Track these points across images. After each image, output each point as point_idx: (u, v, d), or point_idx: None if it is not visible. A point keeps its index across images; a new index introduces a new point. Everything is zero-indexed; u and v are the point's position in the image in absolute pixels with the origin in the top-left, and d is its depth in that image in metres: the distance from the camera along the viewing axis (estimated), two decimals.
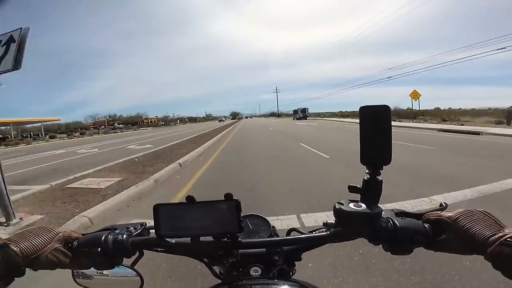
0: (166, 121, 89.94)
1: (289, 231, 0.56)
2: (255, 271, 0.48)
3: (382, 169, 0.44)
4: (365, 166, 0.45)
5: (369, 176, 0.45)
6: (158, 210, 0.45)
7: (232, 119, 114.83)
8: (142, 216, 2.98)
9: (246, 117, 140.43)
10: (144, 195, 4.12)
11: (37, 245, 0.40)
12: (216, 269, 0.52)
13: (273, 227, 0.60)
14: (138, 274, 0.49)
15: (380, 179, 0.45)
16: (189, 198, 0.44)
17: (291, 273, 0.53)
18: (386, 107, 0.42)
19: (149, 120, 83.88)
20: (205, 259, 0.51)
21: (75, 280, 0.50)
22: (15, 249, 0.38)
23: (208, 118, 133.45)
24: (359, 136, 0.43)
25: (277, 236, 0.57)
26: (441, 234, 0.43)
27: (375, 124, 0.42)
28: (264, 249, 0.49)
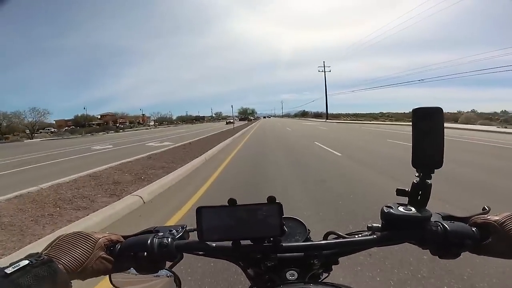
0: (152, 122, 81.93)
1: (326, 234, 0.55)
2: (292, 275, 0.47)
3: (433, 173, 0.43)
4: (415, 169, 0.44)
5: (418, 179, 0.44)
6: (201, 212, 0.45)
7: (241, 119, 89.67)
8: None
9: (264, 117, 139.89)
10: None
11: (80, 258, 0.39)
12: (251, 272, 0.51)
13: (309, 230, 0.59)
14: (176, 276, 0.49)
15: (430, 182, 0.44)
16: (231, 201, 0.44)
17: (327, 275, 0.53)
18: (439, 109, 0.41)
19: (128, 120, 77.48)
20: (240, 263, 0.50)
21: (112, 283, 0.49)
22: (59, 266, 0.36)
23: (218, 118, 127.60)
24: (411, 139, 0.42)
25: (311, 239, 0.56)
26: (487, 238, 0.42)
27: (428, 126, 0.41)
28: (301, 253, 0.49)
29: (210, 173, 5.51)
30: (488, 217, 0.44)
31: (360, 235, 0.49)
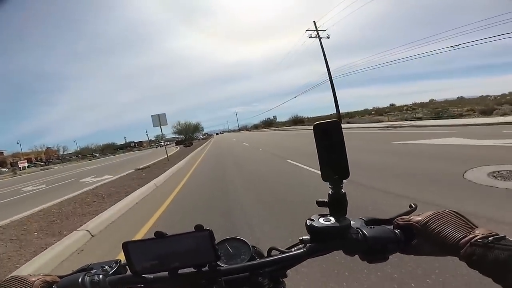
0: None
1: (269, 250, 0.56)
2: None
3: (342, 183, 0.45)
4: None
5: (332, 190, 0.46)
6: (127, 247, 0.43)
7: (178, 143, 53.41)
8: None
9: (217, 134, 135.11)
10: None
11: None
12: None
13: (253, 247, 0.60)
14: None
15: (343, 192, 0.46)
16: (158, 234, 0.43)
17: None
18: (336, 123, 0.44)
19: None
20: None
21: None
22: None
23: (158, 141, 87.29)
24: (317, 154, 0.44)
25: (259, 254, 0.57)
26: (412, 238, 0.43)
27: (329, 140, 0.43)
28: (247, 273, 0.49)
29: None
30: (411, 218, 0.44)
31: (295, 249, 0.51)
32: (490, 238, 0.35)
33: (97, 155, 67.25)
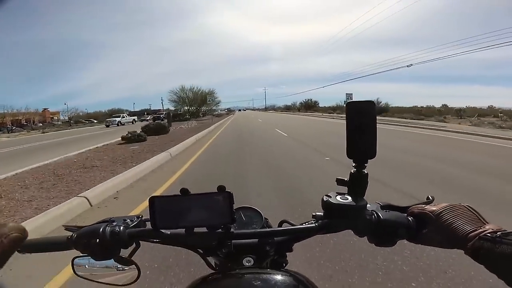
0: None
1: (280, 223, 0.58)
2: (248, 261, 0.50)
3: (367, 163, 0.45)
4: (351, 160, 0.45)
5: (355, 169, 0.46)
6: (153, 202, 0.46)
7: (157, 118, 27.69)
8: None
9: (239, 110, 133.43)
10: None
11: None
12: (211, 260, 0.54)
13: (266, 218, 0.62)
14: (135, 265, 0.50)
15: (365, 172, 0.46)
16: (183, 191, 0.45)
17: (284, 264, 0.55)
18: (371, 103, 0.43)
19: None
20: (200, 250, 0.52)
21: (74, 272, 0.51)
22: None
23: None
24: (345, 132, 0.44)
25: (270, 227, 0.59)
26: (424, 227, 0.44)
27: (361, 119, 0.43)
28: (256, 240, 0.51)
29: None
30: (426, 207, 0.45)
31: (307, 223, 0.51)
32: (498, 233, 0.35)
33: (94, 121, 50.30)
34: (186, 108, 42.62)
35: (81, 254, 0.49)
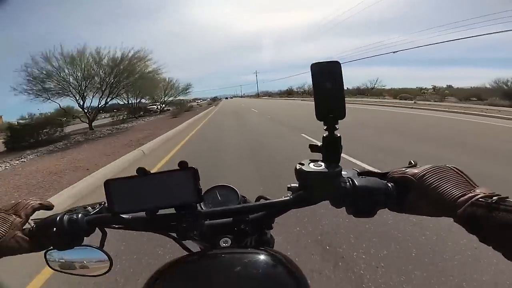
0: None
1: (257, 199, 0.55)
2: (225, 242, 0.48)
3: (337, 124, 0.43)
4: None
5: (327, 132, 0.44)
6: (108, 186, 0.43)
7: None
8: None
9: (226, 98, 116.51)
10: None
11: None
12: (190, 245, 0.51)
13: (243, 196, 0.60)
14: (106, 254, 0.48)
15: (338, 135, 0.44)
16: (140, 170, 0.42)
17: (270, 244, 0.53)
18: (337, 63, 0.41)
19: None
20: (172, 234, 0.49)
21: (48, 264, 0.50)
22: None
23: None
24: (313, 93, 0.41)
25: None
26: (407, 194, 0.40)
27: (328, 80, 0.41)
28: (230, 219, 0.49)
29: None
30: (407, 170, 0.41)
31: (284, 197, 0.48)
32: (494, 198, 0.31)
33: None
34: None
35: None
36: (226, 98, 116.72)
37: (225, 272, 0.41)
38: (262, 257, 0.43)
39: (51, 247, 0.46)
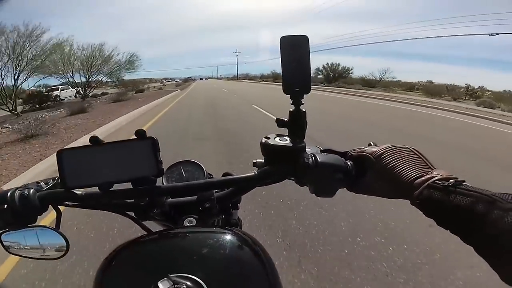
0: None
1: (223, 175, 0.54)
2: (190, 222, 0.46)
3: (303, 98, 0.42)
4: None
5: (293, 107, 0.43)
6: (61, 157, 0.39)
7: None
8: None
9: (201, 79, 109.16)
10: None
11: None
12: (151, 226, 0.48)
13: (210, 174, 0.58)
14: (62, 236, 0.44)
15: (303, 110, 0.43)
16: (94, 139, 0.39)
17: (237, 226, 0.52)
18: (305, 37, 0.40)
19: None
20: (131, 214, 0.46)
21: (5, 248, 0.46)
22: None
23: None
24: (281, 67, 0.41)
25: None
26: (365, 173, 0.39)
27: (295, 53, 0.40)
28: (195, 198, 0.47)
29: None
30: (366, 149, 0.40)
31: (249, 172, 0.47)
32: (451, 181, 0.30)
33: None
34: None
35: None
36: (201, 79, 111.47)
37: (189, 252, 0.38)
38: (228, 237, 0.41)
39: (6, 229, 0.42)
